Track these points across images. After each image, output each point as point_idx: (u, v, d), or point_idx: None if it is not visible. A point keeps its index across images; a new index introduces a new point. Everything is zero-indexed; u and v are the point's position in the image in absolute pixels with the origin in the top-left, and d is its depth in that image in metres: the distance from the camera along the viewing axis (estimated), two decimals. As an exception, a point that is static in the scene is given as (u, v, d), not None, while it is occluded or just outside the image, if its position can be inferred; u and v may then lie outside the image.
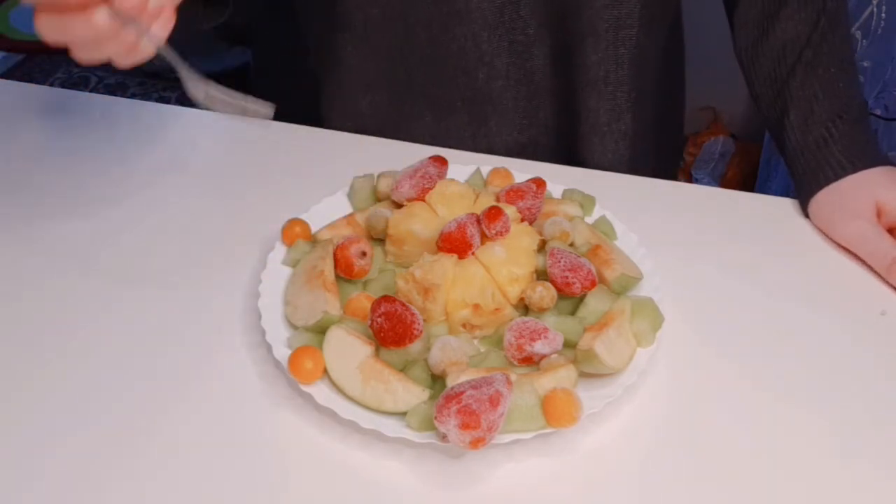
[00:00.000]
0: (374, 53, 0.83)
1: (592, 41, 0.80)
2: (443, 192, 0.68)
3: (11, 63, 2.65)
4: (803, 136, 0.77)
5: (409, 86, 0.85)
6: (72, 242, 0.72)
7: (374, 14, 0.81)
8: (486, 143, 0.86)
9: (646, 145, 0.89)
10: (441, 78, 0.84)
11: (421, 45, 0.82)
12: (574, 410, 0.55)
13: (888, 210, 0.72)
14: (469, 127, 0.86)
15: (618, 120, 0.85)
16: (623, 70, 0.83)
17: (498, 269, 0.63)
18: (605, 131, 0.85)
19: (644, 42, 0.82)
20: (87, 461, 0.55)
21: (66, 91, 0.97)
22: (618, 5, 0.79)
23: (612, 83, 0.83)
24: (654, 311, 0.62)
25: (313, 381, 0.58)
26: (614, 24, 0.80)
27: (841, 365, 0.64)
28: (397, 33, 0.82)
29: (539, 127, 0.86)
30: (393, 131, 0.86)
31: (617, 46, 0.81)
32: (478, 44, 0.81)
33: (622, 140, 0.86)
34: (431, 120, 0.86)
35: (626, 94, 0.84)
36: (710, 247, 0.73)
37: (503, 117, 0.85)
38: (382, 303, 0.58)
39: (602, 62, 0.82)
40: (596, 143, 0.85)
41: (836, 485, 0.56)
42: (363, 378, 0.57)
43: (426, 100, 0.85)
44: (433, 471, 0.55)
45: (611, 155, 0.86)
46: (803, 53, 0.78)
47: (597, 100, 0.83)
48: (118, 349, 0.63)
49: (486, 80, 0.83)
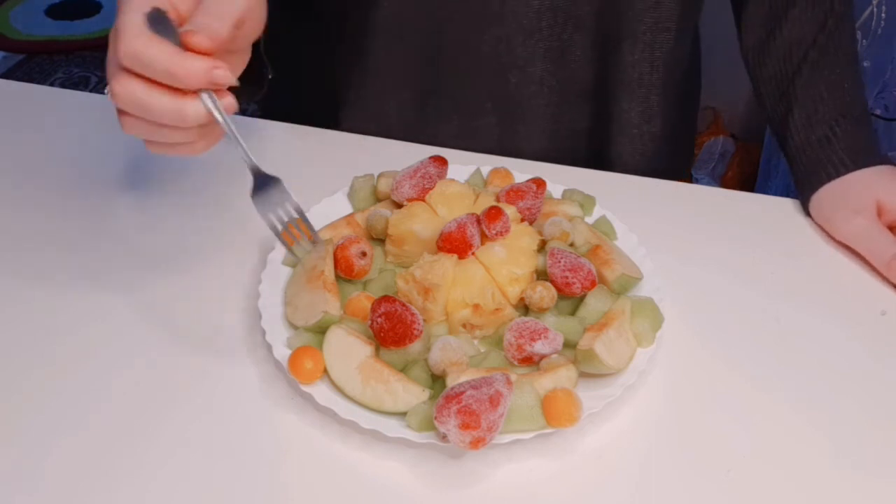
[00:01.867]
0: (405, 56, 0.83)
1: (630, 44, 0.80)
2: (443, 192, 0.68)
3: (11, 63, 2.65)
4: (806, 134, 0.77)
5: (437, 87, 0.84)
6: (71, 242, 0.72)
7: (408, 17, 0.80)
8: (514, 147, 0.86)
9: (672, 146, 0.89)
10: (471, 81, 0.83)
11: (453, 47, 0.81)
12: (574, 410, 0.55)
13: (889, 208, 0.72)
14: (497, 129, 0.86)
15: (649, 122, 0.85)
16: (657, 73, 0.83)
17: (498, 269, 0.63)
18: (636, 133, 0.85)
19: (678, 45, 0.83)
20: (86, 461, 0.55)
21: (66, 91, 0.97)
22: (658, 8, 0.79)
23: (646, 85, 0.83)
24: (654, 311, 0.62)
25: (313, 381, 0.58)
26: (653, 27, 0.80)
27: (841, 365, 0.64)
28: (430, 36, 0.81)
29: (568, 130, 0.86)
30: (418, 134, 0.85)
31: (654, 49, 0.81)
32: (512, 48, 0.80)
33: (651, 142, 0.86)
34: (458, 122, 0.86)
35: (658, 97, 0.84)
36: (710, 247, 0.73)
37: (533, 121, 0.85)
38: (382, 303, 0.58)
39: (637, 64, 0.82)
40: (625, 144, 0.85)
41: (835, 484, 0.56)
42: (363, 378, 0.57)
43: (454, 102, 0.85)
44: (433, 471, 0.55)
45: (639, 156, 0.86)
46: (809, 53, 0.78)
47: (629, 102, 0.84)
48: (118, 349, 0.63)
49: (518, 84, 0.82)
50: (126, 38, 0.51)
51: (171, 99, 0.52)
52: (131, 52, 0.51)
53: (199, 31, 0.53)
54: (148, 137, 0.55)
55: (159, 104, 0.52)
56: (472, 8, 0.79)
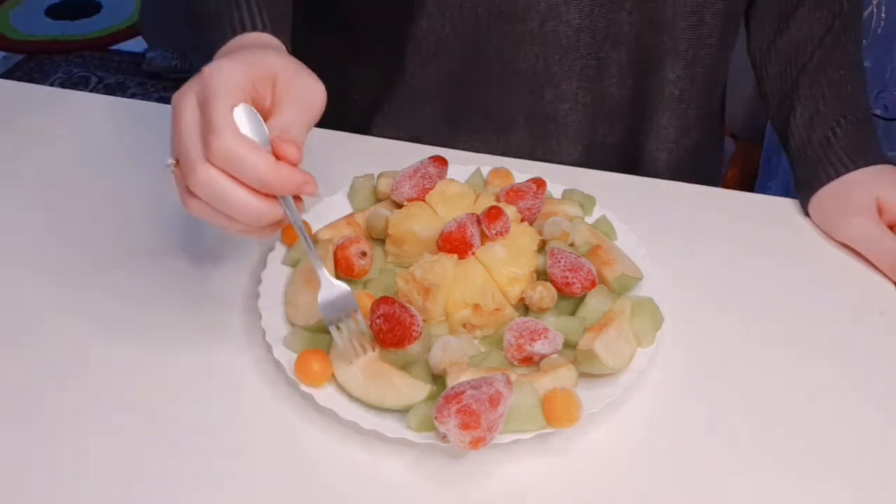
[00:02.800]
0: (439, 70, 0.83)
1: (672, 60, 0.80)
2: (443, 192, 0.68)
3: (11, 63, 2.65)
4: (807, 134, 0.77)
5: (470, 102, 0.84)
6: (70, 241, 0.72)
7: (446, 35, 0.80)
8: (547, 160, 0.85)
9: (704, 157, 0.89)
10: (505, 97, 0.83)
11: (489, 63, 0.81)
12: (574, 410, 0.55)
13: (889, 207, 0.72)
14: (528, 143, 0.85)
15: (686, 135, 0.85)
16: (697, 87, 0.83)
17: (498, 269, 0.63)
18: (673, 147, 0.85)
19: (719, 58, 0.83)
20: (86, 461, 0.55)
21: (66, 91, 0.97)
22: (701, 25, 0.79)
23: (686, 100, 0.83)
24: (654, 311, 0.62)
25: (321, 384, 0.58)
26: (695, 42, 0.80)
27: (841, 365, 0.64)
28: (466, 52, 0.81)
29: (601, 143, 0.86)
30: (448, 145, 0.84)
31: (694, 65, 0.81)
32: (548, 66, 0.80)
33: (687, 154, 0.86)
34: (490, 136, 0.85)
35: (696, 111, 0.84)
36: (709, 247, 0.73)
37: (565, 135, 0.84)
38: (381, 304, 0.58)
39: (679, 80, 0.82)
40: (662, 158, 0.85)
41: (835, 484, 0.56)
42: (365, 377, 0.57)
43: (486, 116, 0.84)
44: (433, 471, 0.55)
45: (673, 170, 0.86)
46: (815, 54, 0.78)
47: (668, 117, 0.84)
48: (118, 350, 0.63)
49: (552, 101, 0.82)
50: (222, 138, 0.49)
51: (255, 200, 0.51)
52: (227, 155, 0.49)
53: (288, 140, 0.52)
54: (213, 223, 0.53)
55: (242, 203, 0.50)
56: (511, 27, 0.78)
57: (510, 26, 0.78)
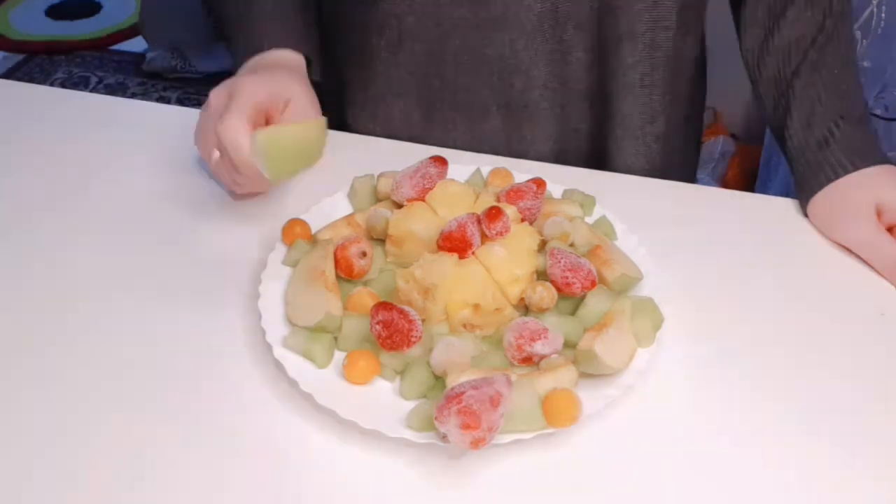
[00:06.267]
0: (408, 59, 0.83)
1: (630, 44, 0.80)
2: (443, 192, 0.68)
3: (11, 63, 2.65)
4: (805, 136, 0.77)
5: (442, 92, 0.84)
6: (71, 242, 0.72)
7: (409, 20, 0.81)
8: (520, 150, 0.86)
9: (676, 146, 0.89)
10: (475, 84, 0.83)
11: (456, 51, 0.81)
12: (574, 410, 0.55)
13: (888, 209, 0.72)
14: (503, 133, 0.86)
15: (652, 123, 0.85)
16: (658, 73, 0.83)
17: (498, 269, 0.63)
18: (639, 134, 0.85)
19: (679, 44, 0.82)
20: (86, 460, 0.55)
21: (66, 91, 0.97)
22: (656, 7, 0.79)
23: (648, 86, 0.83)
24: (654, 311, 0.62)
25: (368, 381, 0.59)
26: (652, 25, 0.80)
27: (840, 365, 0.64)
28: (432, 39, 0.81)
29: (573, 131, 0.86)
30: (424, 137, 0.85)
31: (654, 49, 0.81)
32: (515, 51, 0.80)
33: (655, 143, 0.86)
34: (464, 126, 0.86)
35: (660, 97, 0.84)
36: (710, 247, 0.73)
37: (537, 123, 0.85)
38: (380, 310, 0.58)
39: (638, 65, 0.81)
40: (629, 146, 0.85)
41: (835, 484, 0.56)
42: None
43: (459, 106, 0.85)
44: (433, 471, 0.55)
45: (643, 158, 0.86)
46: (808, 54, 0.78)
47: (632, 103, 0.83)
48: (118, 350, 0.63)
49: (522, 88, 0.83)
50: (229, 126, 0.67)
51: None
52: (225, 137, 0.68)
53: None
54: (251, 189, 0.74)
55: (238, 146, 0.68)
56: (475, 14, 0.79)
57: (473, 12, 0.79)
